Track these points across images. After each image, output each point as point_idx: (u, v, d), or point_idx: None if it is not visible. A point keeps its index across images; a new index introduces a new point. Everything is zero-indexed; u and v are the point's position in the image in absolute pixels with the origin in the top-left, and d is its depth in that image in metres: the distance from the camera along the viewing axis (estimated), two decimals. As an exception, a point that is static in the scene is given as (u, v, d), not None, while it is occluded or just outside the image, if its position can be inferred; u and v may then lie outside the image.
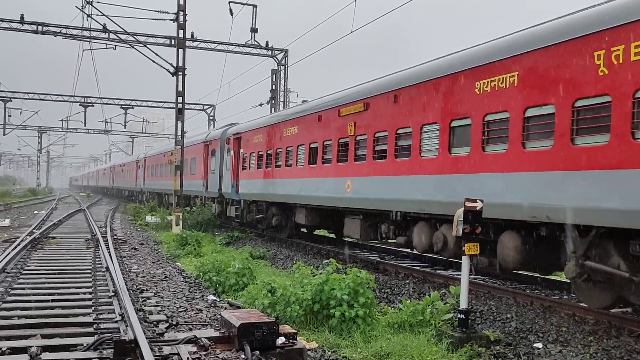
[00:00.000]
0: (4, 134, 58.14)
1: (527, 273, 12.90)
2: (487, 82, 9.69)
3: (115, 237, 19.78)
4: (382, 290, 11.71)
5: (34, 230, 19.90)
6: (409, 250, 13.93)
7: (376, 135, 13.04)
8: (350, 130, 14.13)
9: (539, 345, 7.75)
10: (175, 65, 25.27)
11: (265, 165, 20.04)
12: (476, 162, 9.87)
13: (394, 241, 13.38)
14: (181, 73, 25.24)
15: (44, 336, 6.81)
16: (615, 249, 7.92)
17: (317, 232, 20.41)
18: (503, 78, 9.37)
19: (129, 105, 50.21)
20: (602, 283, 8.37)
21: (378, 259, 14.53)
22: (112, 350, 6.06)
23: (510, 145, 9.10)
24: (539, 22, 9.38)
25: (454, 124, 10.52)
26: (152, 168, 42.54)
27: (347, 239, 16.95)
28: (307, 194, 16.51)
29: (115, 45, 29.07)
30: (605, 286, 8.44)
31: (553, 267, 9.62)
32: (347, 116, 14.40)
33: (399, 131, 12.20)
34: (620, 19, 7.44)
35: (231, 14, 28.24)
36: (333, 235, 18.63)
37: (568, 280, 9.31)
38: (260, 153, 20.70)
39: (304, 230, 20.27)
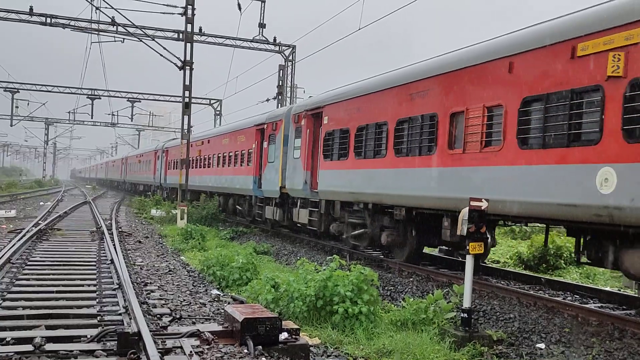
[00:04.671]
0: (11, 125, 58.39)
1: (530, 273, 12.91)
2: (226, 140, 26.15)
3: (120, 229, 19.85)
4: (386, 288, 11.72)
5: (39, 222, 19.97)
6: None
7: (211, 156, 29.08)
8: (198, 152, 31.01)
9: (542, 345, 7.74)
10: (182, 59, 25.30)
11: (173, 167, 35.89)
12: (222, 171, 26.31)
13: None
14: (189, 67, 25.28)
15: (48, 327, 6.84)
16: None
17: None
18: (227, 139, 26.00)
19: (136, 98, 50.33)
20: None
21: (382, 256, 14.53)
22: (116, 342, 6.08)
23: (234, 165, 24.86)
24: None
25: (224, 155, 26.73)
26: (131, 165, 56.81)
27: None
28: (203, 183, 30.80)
29: (124, 39, 29.16)
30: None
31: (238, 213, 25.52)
32: (197, 146, 30.79)
33: (219, 155, 27.30)
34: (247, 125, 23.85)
35: (239, 8, 28.23)
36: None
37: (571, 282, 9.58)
38: (175, 161, 35.87)
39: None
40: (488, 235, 10.77)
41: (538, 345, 7.77)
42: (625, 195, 7.43)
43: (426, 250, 15.11)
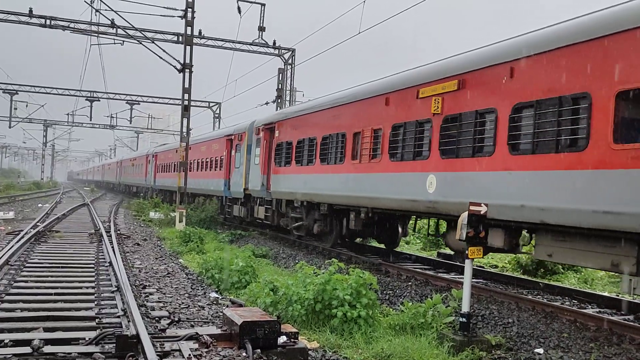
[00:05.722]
0: (10, 127, 58.36)
1: (529, 278, 12.92)
2: (203, 147, 29.84)
3: (118, 232, 19.81)
4: (384, 292, 11.71)
5: (37, 224, 19.95)
6: (411, 252, 17.15)
7: (192, 161, 31.39)
8: (182, 158, 30.15)
9: (540, 350, 7.74)
10: (182, 62, 25.32)
11: (162, 171, 41.45)
12: (200, 175, 30.22)
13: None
14: (188, 70, 25.29)
15: (46, 329, 6.83)
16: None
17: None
18: (205, 147, 29.98)
19: (135, 100, 50.33)
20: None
21: (380, 260, 14.54)
22: (114, 345, 6.08)
23: (209, 169, 28.70)
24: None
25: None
26: (125, 168, 61.61)
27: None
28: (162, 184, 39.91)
29: (123, 41, 29.11)
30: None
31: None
32: (180, 152, 30.18)
33: (199, 161, 30.93)
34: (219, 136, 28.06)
35: (239, 12, 28.26)
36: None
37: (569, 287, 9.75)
38: (163, 165, 41.31)
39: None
40: (400, 229, 16.00)
41: (536, 350, 7.77)
42: (440, 193, 10.86)
43: (424, 254, 15.43)
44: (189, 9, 25.40)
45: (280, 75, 32.84)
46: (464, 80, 10.55)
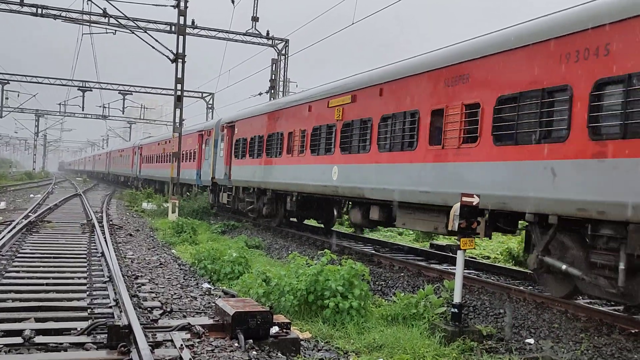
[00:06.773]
0: (1, 117, 57.86)
1: (520, 269, 12.98)
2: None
3: (110, 222, 19.76)
4: (377, 283, 11.74)
5: (29, 214, 19.86)
6: (403, 243, 17.29)
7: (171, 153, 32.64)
8: (163, 150, 36.58)
9: (531, 340, 7.79)
10: (175, 52, 25.18)
11: (146, 162, 44.31)
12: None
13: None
14: (181, 60, 25.15)
15: (37, 319, 6.81)
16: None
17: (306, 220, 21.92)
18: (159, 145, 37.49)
19: (128, 90, 50.06)
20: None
21: (373, 251, 14.58)
22: (106, 335, 6.07)
23: (184, 161, 30.87)
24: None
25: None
26: (114, 159, 65.59)
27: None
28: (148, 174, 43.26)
29: (115, 30, 28.97)
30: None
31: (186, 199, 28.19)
32: (161, 145, 37.40)
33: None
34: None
35: (232, 2, 28.09)
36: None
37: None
38: (147, 156, 44.82)
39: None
40: (335, 212, 19.08)
41: (527, 340, 7.82)
42: (340, 180, 14.13)
43: (417, 245, 15.49)
44: (182, -1, 25.21)
45: (274, 65, 32.72)
46: (355, 96, 13.90)
